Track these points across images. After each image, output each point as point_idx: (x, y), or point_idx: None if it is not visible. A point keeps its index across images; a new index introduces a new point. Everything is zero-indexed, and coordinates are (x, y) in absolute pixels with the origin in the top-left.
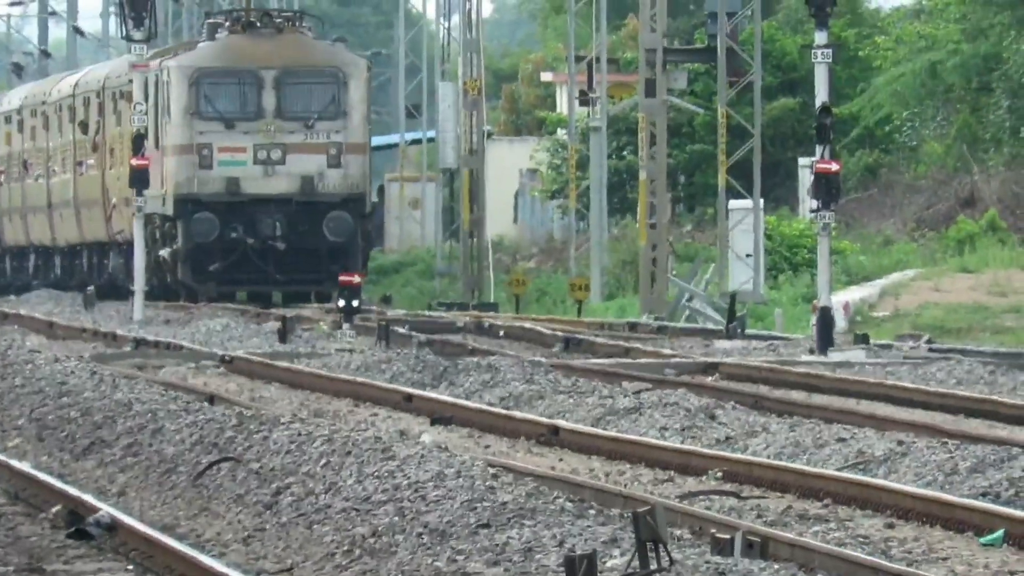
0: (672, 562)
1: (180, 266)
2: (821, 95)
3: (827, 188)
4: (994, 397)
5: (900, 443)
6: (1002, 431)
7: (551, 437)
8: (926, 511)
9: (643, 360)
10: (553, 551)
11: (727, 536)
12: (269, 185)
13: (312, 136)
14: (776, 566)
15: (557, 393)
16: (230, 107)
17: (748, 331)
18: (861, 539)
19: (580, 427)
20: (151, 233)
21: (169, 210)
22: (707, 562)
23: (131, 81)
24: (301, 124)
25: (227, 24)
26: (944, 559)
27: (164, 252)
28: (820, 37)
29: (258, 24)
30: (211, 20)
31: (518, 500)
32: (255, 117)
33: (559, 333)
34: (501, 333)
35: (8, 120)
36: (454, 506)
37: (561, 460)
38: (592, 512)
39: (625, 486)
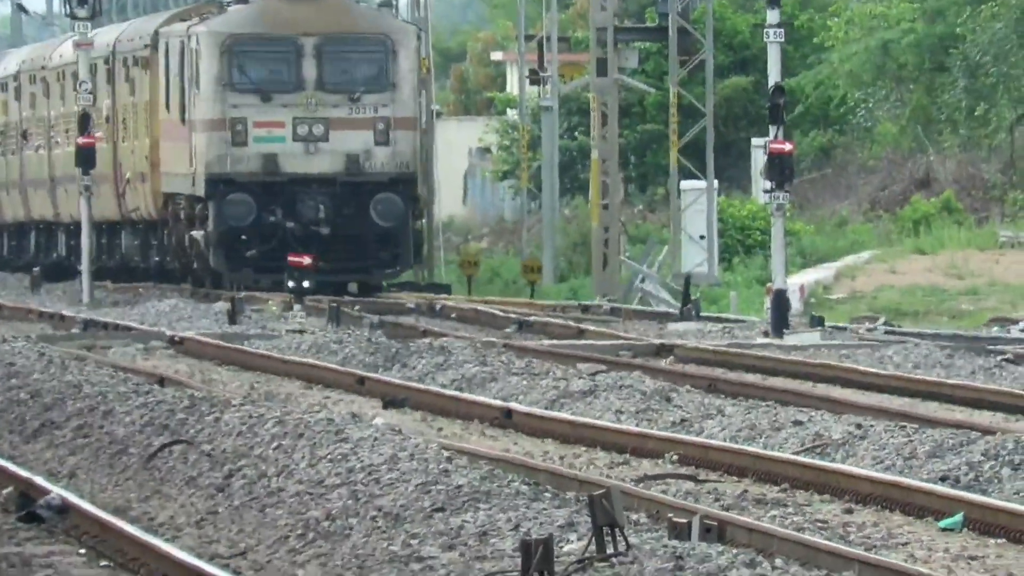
0: (629, 546)
1: (212, 251)
2: (774, 75)
3: (781, 169)
4: (951, 381)
5: (858, 427)
6: (960, 415)
7: (505, 420)
8: (885, 495)
9: (597, 342)
10: (508, 535)
11: (684, 520)
12: (310, 164)
13: (358, 110)
14: (734, 551)
15: (510, 375)
16: (267, 78)
17: (702, 313)
18: (819, 524)
19: (534, 410)
20: (173, 215)
21: (200, 191)
22: (664, 546)
23: (147, 46)
24: (345, 97)
25: None
26: (904, 544)
27: (197, 234)
28: (772, 16)
29: None
30: None
31: (472, 483)
32: (294, 89)
33: (512, 315)
34: (453, 315)
35: (4, 87)
36: (408, 489)
37: (515, 443)
38: (548, 496)
39: (581, 469)
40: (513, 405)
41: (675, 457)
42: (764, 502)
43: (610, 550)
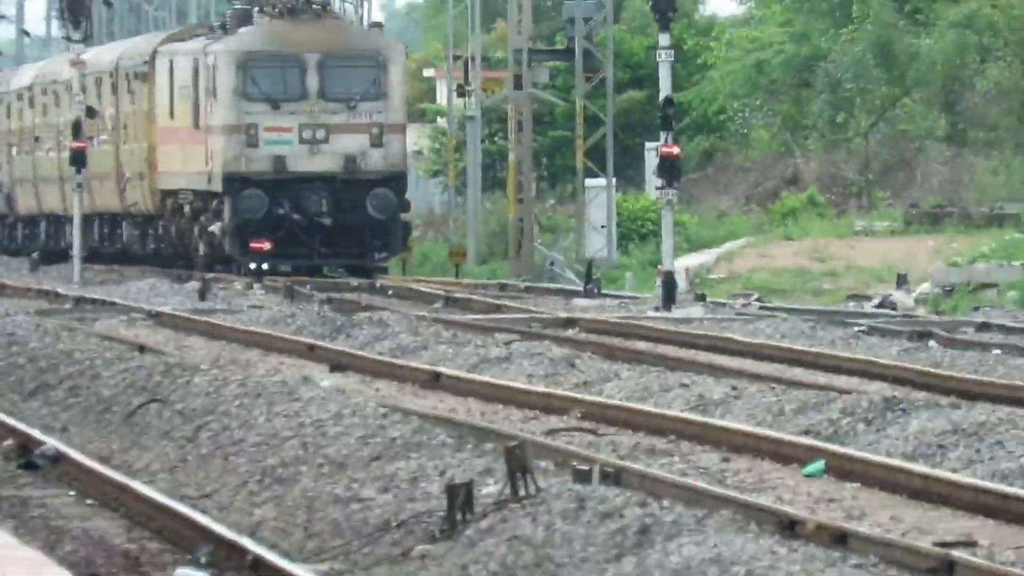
0: (539, 490)
1: (228, 240)
2: (664, 89)
3: (670, 169)
4: (814, 349)
5: (734, 388)
6: (821, 378)
7: (434, 382)
8: (757, 446)
9: (513, 316)
10: (436, 480)
11: (586, 467)
12: (314, 163)
13: (354, 117)
14: (628, 493)
15: (439, 344)
16: (276, 89)
17: (603, 291)
18: (701, 470)
19: (459, 373)
20: (171, 209)
21: (217, 187)
22: (569, 490)
23: (145, 63)
24: (344, 105)
25: (269, 10)
26: (773, 488)
27: (214, 227)
28: (663, 40)
29: (299, 10)
30: (238, 7)
31: (405, 436)
32: (299, 98)
33: (440, 292)
34: (390, 292)
35: (20, 97)
36: (350, 441)
37: (442, 401)
38: (469, 447)
39: (498, 424)
40: (441, 369)
41: (578, 414)
42: (654, 452)
43: (522, 493)
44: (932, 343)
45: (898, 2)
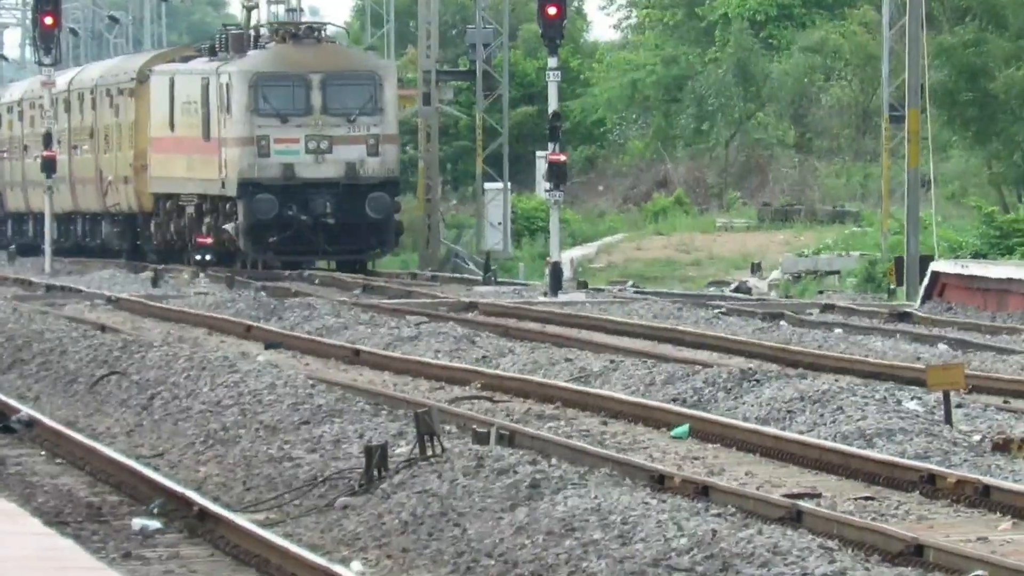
0: (444, 450)
1: (242, 239)
2: (552, 104)
3: (557, 174)
4: (680, 327)
5: (612, 361)
6: (687, 353)
7: (354, 357)
8: (632, 412)
9: (422, 300)
10: (356, 442)
11: (484, 430)
12: (319, 170)
13: (354, 129)
14: (521, 452)
15: (358, 324)
16: (284, 105)
17: (499, 279)
18: (583, 432)
19: (376, 350)
20: (165, 210)
21: (231, 192)
22: (470, 449)
23: (132, 80)
24: (344, 119)
25: (275, 36)
26: (645, 448)
27: (228, 227)
28: (552, 62)
29: (302, 36)
30: (234, 31)
31: (330, 404)
32: (305, 113)
33: (359, 281)
34: (316, 280)
35: (10, 110)
36: (283, 408)
37: (361, 374)
38: (385, 412)
39: (409, 393)
40: (360, 346)
41: (478, 384)
42: (543, 417)
43: (430, 453)
44: (782, 323)
45: (755, 29)
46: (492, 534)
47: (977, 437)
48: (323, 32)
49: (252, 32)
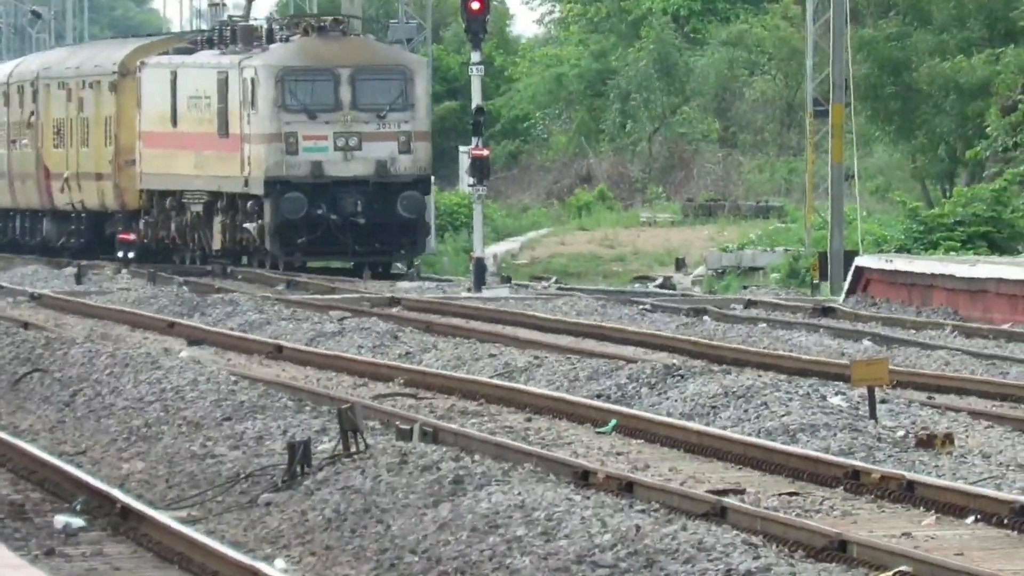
0: (367, 446)
1: (268, 239)
2: (476, 99)
3: (480, 169)
4: (605, 323)
5: (536, 357)
6: (611, 348)
7: (277, 353)
8: (556, 408)
9: (345, 296)
10: (279, 438)
11: (408, 426)
12: (348, 168)
13: (384, 125)
14: (444, 449)
15: (281, 320)
16: (312, 100)
17: (423, 275)
18: (507, 428)
19: (298, 345)
20: (156, 207)
21: (255, 190)
22: (393, 446)
23: (114, 72)
24: (374, 115)
25: (297, 29)
26: (569, 443)
27: (250, 227)
28: (475, 56)
29: (328, 29)
30: (242, 24)
31: (252, 400)
32: (334, 109)
33: (283, 277)
34: (239, 276)
35: None
36: (205, 404)
37: (284, 370)
38: (308, 409)
39: (332, 389)
40: (283, 342)
41: (401, 380)
42: (467, 413)
43: (353, 449)
44: (706, 318)
45: (678, 24)
46: (416, 531)
47: (901, 433)
48: (349, 25)
49: (265, 24)
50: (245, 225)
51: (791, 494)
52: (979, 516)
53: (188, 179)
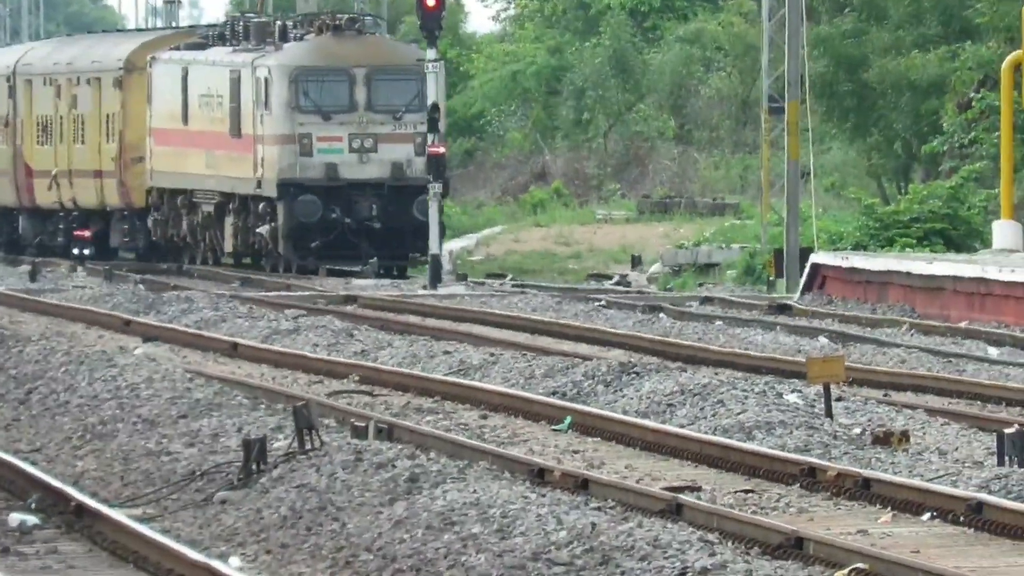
0: (323, 443)
1: (282, 242)
2: (431, 96)
3: (436, 166)
4: (561, 320)
5: (491, 355)
6: (567, 346)
7: (232, 350)
8: (512, 405)
9: (300, 293)
10: (234, 435)
11: (363, 424)
12: (364, 171)
13: (400, 127)
14: (400, 446)
15: (236, 318)
16: (326, 101)
17: (378, 272)
18: (463, 426)
19: (254, 343)
20: (166, 205)
21: (268, 192)
22: (348, 443)
23: (120, 69)
24: (390, 116)
25: (312, 27)
26: (525, 441)
27: (263, 229)
28: (430, 53)
29: (343, 28)
30: (255, 20)
31: (208, 397)
32: (349, 110)
33: (238, 274)
34: (195, 274)
35: None
36: (160, 402)
37: (240, 367)
38: (263, 406)
39: (287, 387)
40: (238, 340)
41: (357, 377)
42: (422, 410)
43: (308, 447)
44: (662, 315)
45: (636, 20)
46: (371, 528)
47: (857, 430)
48: (365, 24)
49: (280, 22)
50: (258, 228)
51: (747, 491)
52: (935, 513)
53: (200, 178)
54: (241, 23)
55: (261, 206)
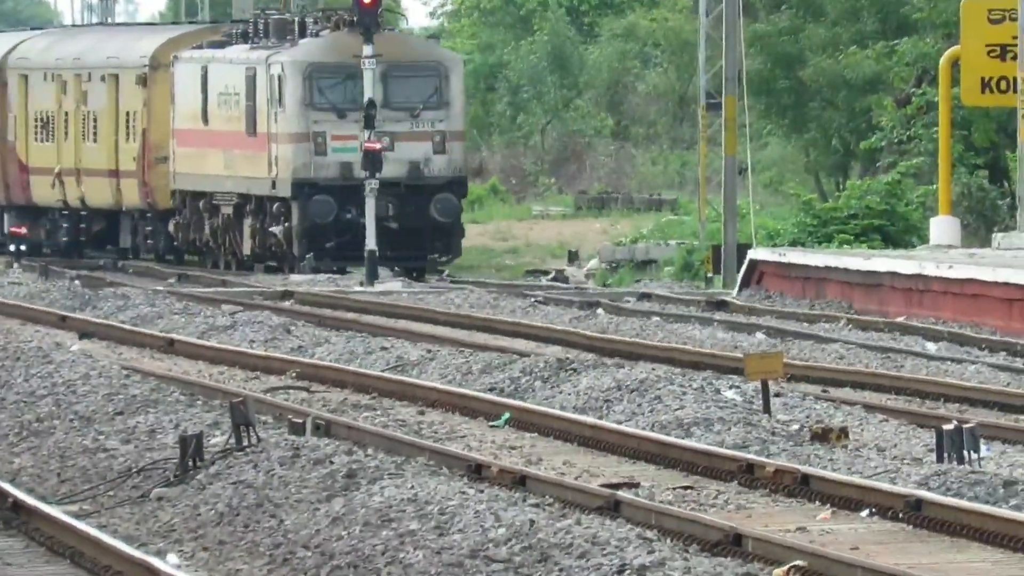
0: (259, 440)
1: (296, 243)
2: (368, 93)
3: (373, 162)
4: (498, 317)
5: (428, 351)
6: (504, 342)
7: (168, 347)
8: (449, 401)
9: (237, 289)
10: (171, 432)
11: (300, 420)
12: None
13: (418, 125)
14: (337, 443)
15: (172, 314)
16: (341, 98)
17: (315, 268)
18: (400, 422)
19: (190, 339)
20: (188, 206)
21: (283, 192)
22: (286, 439)
23: (145, 67)
24: (407, 114)
25: (328, 22)
26: (463, 437)
27: (276, 230)
28: (367, 50)
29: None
30: (276, 16)
31: (144, 394)
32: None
33: (174, 270)
34: (131, 270)
35: None
36: (97, 398)
37: (176, 364)
38: (200, 403)
39: (224, 383)
40: (175, 336)
41: (294, 374)
42: (360, 407)
43: (246, 443)
44: (600, 311)
45: (573, 16)
46: (308, 525)
47: (796, 426)
48: (382, 19)
49: (298, 18)
50: (271, 229)
51: (685, 488)
52: (874, 510)
53: (219, 180)
54: (262, 19)
55: (275, 207)
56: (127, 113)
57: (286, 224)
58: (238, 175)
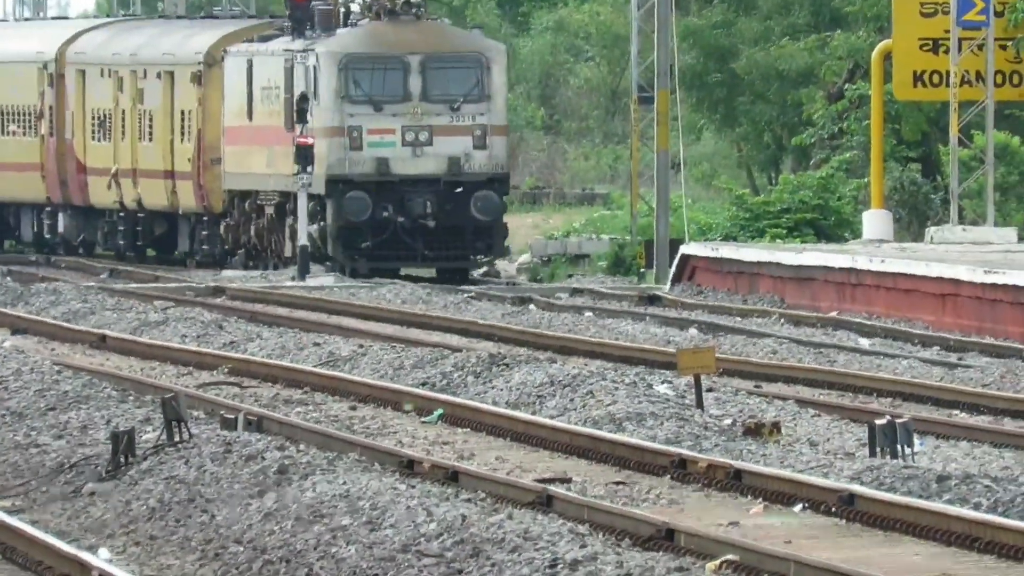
0: (191, 435)
1: (330, 243)
2: (299, 87)
3: (305, 156)
4: (430, 312)
5: (361, 346)
6: (436, 337)
7: (100, 343)
8: (381, 396)
9: (169, 285)
10: (103, 428)
11: (232, 416)
12: (418, 166)
13: (458, 118)
14: (269, 438)
15: (105, 310)
16: (378, 91)
17: (247, 263)
18: (332, 418)
19: (122, 335)
20: (239, 209)
21: (319, 189)
22: (218, 435)
23: (199, 63)
24: (447, 107)
25: (368, 13)
26: (395, 432)
27: (311, 228)
28: (297, 44)
29: (399, 12)
30: (324, 7)
31: (76, 390)
32: (402, 100)
33: (106, 266)
34: (63, 265)
35: None
36: (29, 394)
37: (108, 359)
38: (131, 398)
39: (156, 379)
40: (107, 331)
41: (226, 369)
42: (292, 402)
43: (177, 439)
44: (532, 306)
45: (504, 9)
46: (240, 520)
47: (728, 421)
48: (423, 8)
49: (342, 8)
50: (307, 228)
51: (618, 483)
52: (807, 504)
53: (263, 178)
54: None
55: (311, 205)
56: (182, 112)
57: (321, 223)
58: (279, 173)
